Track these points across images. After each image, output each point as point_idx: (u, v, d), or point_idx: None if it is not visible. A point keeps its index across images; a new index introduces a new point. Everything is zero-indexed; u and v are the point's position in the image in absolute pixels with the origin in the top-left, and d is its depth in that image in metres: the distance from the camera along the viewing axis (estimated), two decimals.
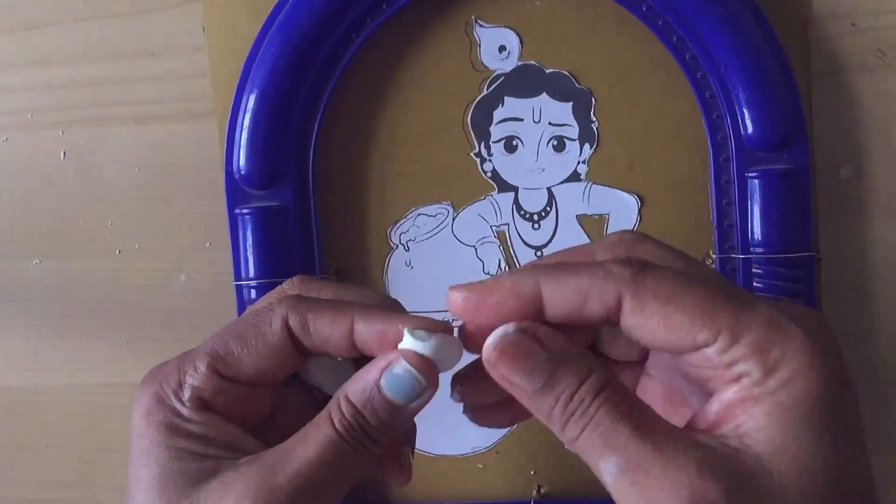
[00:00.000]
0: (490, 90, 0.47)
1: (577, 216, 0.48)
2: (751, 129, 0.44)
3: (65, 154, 0.50)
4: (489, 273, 0.48)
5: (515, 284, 0.29)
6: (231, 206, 0.47)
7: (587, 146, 0.47)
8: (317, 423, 0.31)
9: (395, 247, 0.49)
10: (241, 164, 0.46)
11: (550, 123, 0.47)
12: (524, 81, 0.47)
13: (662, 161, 0.47)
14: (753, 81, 0.44)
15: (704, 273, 0.30)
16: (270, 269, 0.46)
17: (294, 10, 0.45)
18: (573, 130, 0.47)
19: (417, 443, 0.36)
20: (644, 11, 0.45)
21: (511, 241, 0.48)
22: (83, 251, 0.50)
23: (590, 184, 0.47)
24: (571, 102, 0.47)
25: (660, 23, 0.45)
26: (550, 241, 0.48)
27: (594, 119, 0.47)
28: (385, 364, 0.31)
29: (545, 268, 0.29)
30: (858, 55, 0.46)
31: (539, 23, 0.47)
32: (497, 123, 0.47)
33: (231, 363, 0.32)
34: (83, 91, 0.49)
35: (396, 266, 0.49)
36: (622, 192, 0.47)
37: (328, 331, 0.31)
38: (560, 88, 0.47)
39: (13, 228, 0.50)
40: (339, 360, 0.33)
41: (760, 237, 0.45)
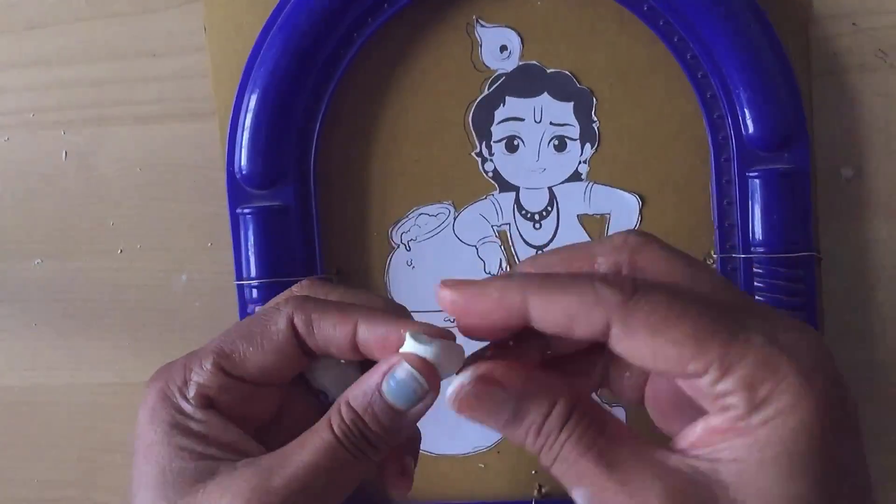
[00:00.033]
0: (491, 90, 0.47)
1: (579, 216, 0.48)
2: (752, 129, 0.44)
3: (66, 154, 0.50)
4: (490, 273, 0.48)
5: (503, 296, 0.28)
6: (232, 206, 0.47)
7: (588, 146, 0.47)
8: (317, 429, 0.31)
9: (397, 246, 0.49)
10: (243, 164, 0.46)
11: (551, 123, 0.47)
12: (525, 81, 0.47)
13: (663, 161, 0.47)
14: (754, 81, 0.44)
15: (703, 282, 0.29)
16: (272, 269, 0.46)
17: (295, 10, 0.45)
18: (574, 130, 0.47)
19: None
20: (645, 11, 0.45)
21: (512, 241, 0.48)
22: (84, 251, 0.50)
23: (591, 183, 0.47)
24: (572, 102, 0.47)
25: (661, 23, 0.45)
26: (552, 241, 0.48)
27: (595, 119, 0.47)
28: (387, 368, 0.30)
29: (535, 281, 0.28)
30: (859, 55, 0.46)
31: (540, 23, 0.47)
32: (498, 123, 0.47)
33: (236, 361, 0.32)
34: (84, 91, 0.49)
35: (398, 266, 0.49)
36: (623, 192, 0.47)
37: (332, 332, 0.31)
38: (561, 88, 0.47)
39: (14, 228, 0.50)
40: (345, 365, 0.33)
41: (761, 237, 0.45)
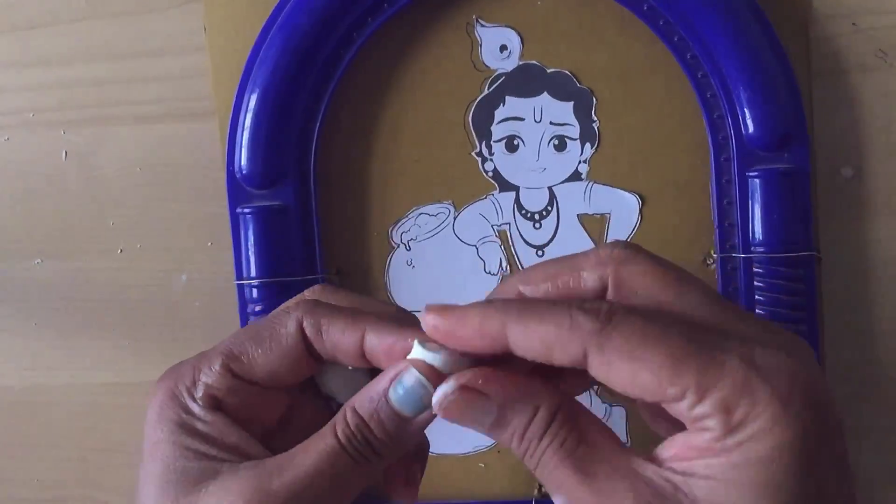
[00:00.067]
0: (491, 90, 0.47)
1: (579, 215, 0.48)
2: (751, 129, 0.44)
3: (66, 154, 0.50)
4: (490, 273, 0.48)
5: (482, 325, 0.29)
6: (232, 206, 0.47)
7: (588, 146, 0.47)
8: (321, 434, 0.31)
9: (397, 246, 0.49)
10: (243, 164, 0.46)
11: (551, 123, 0.47)
12: (525, 81, 0.47)
13: (663, 160, 0.47)
14: (754, 81, 0.44)
15: (689, 296, 0.29)
16: (272, 269, 0.46)
17: (295, 10, 0.45)
18: (574, 130, 0.47)
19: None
20: (645, 11, 0.45)
21: (512, 241, 0.48)
22: (84, 251, 0.50)
23: (591, 183, 0.47)
24: (572, 102, 0.47)
25: (661, 22, 0.45)
26: (551, 241, 0.48)
27: (595, 119, 0.47)
28: (395, 374, 0.31)
29: (514, 309, 0.29)
30: (859, 55, 0.46)
31: (540, 22, 0.47)
32: (498, 123, 0.47)
33: (245, 363, 0.32)
34: (84, 91, 0.49)
35: (398, 265, 0.49)
36: (623, 192, 0.47)
37: (340, 338, 0.31)
38: (561, 88, 0.47)
39: (14, 228, 0.50)
40: (354, 371, 0.33)
41: (761, 237, 0.45)
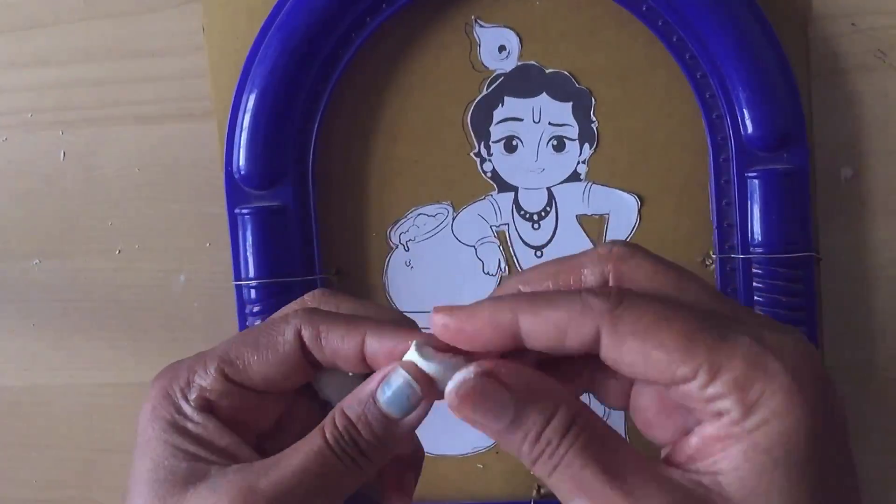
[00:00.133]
0: (490, 90, 0.47)
1: (577, 216, 0.48)
2: (751, 129, 0.44)
3: (65, 154, 0.50)
4: (489, 273, 0.48)
5: (493, 316, 0.28)
6: (231, 206, 0.47)
7: (587, 146, 0.47)
8: (310, 435, 0.31)
9: (395, 247, 0.49)
10: (241, 164, 0.46)
11: (550, 123, 0.47)
12: (524, 81, 0.47)
13: (662, 161, 0.47)
14: (753, 81, 0.44)
15: (690, 291, 0.29)
16: (270, 269, 0.46)
17: (294, 10, 0.45)
18: (573, 130, 0.47)
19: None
20: (644, 11, 0.45)
21: (511, 241, 0.48)
22: (83, 251, 0.50)
23: (590, 184, 0.47)
24: (571, 102, 0.47)
25: (660, 23, 0.45)
26: (550, 241, 0.48)
27: (594, 119, 0.47)
28: (382, 376, 0.31)
29: (524, 298, 0.29)
30: (858, 55, 0.46)
31: (539, 23, 0.47)
32: (497, 123, 0.47)
33: (240, 368, 0.32)
34: (83, 91, 0.49)
35: (396, 266, 0.49)
36: (622, 192, 0.47)
37: (339, 344, 0.31)
38: (560, 88, 0.47)
39: (14, 228, 0.50)
40: (351, 376, 0.33)
41: (760, 237, 0.45)
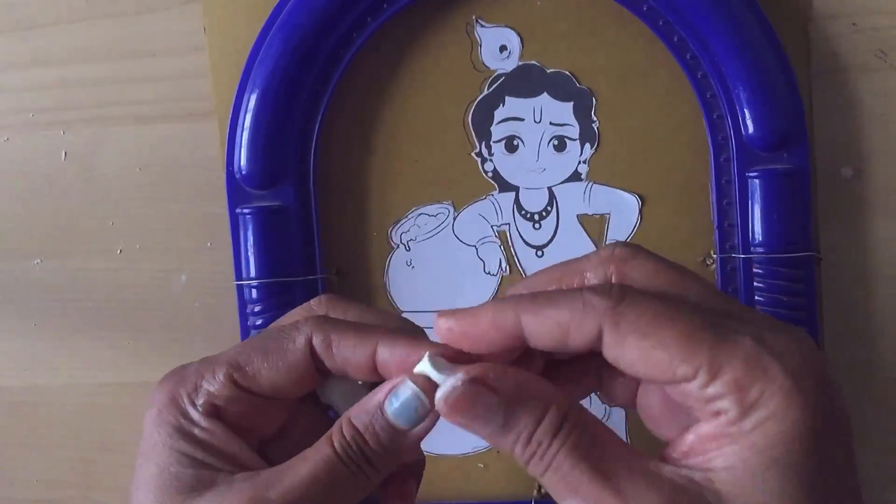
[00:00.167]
0: (491, 90, 0.47)
1: (578, 216, 0.48)
2: (751, 129, 0.44)
3: (66, 154, 0.50)
4: (490, 273, 0.48)
5: (496, 318, 0.29)
6: (232, 206, 0.47)
7: (588, 146, 0.47)
8: (318, 444, 0.31)
9: (396, 246, 0.49)
10: (242, 164, 0.46)
11: (551, 123, 0.47)
12: (525, 81, 0.47)
13: (663, 161, 0.47)
14: (754, 81, 0.44)
15: (692, 291, 0.29)
16: (271, 269, 0.46)
17: (295, 10, 0.45)
18: (574, 130, 0.47)
19: None
20: (645, 11, 0.45)
21: (512, 241, 0.48)
22: (84, 251, 0.50)
23: (590, 183, 0.47)
24: (572, 102, 0.47)
25: (660, 23, 0.45)
26: (551, 241, 0.48)
27: (595, 119, 0.47)
28: (391, 387, 0.31)
29: (527, 298, 0.29)
30: (859, 55, 0.46)
31: (540, 23, 0.47)
32: (498, 123, 0.47)
33: (249, 374, 0.32)
34: (84, 91, 0.49)
35: (397, 266, 0.49)
36: (623, 192, 0.47)
37: (351, 353, 0.31)
38: (561, 88, 0.47)
39: (14, 228, 0.50)
40: (360, 385, 0.33)
41: (761, 237, 0.45)
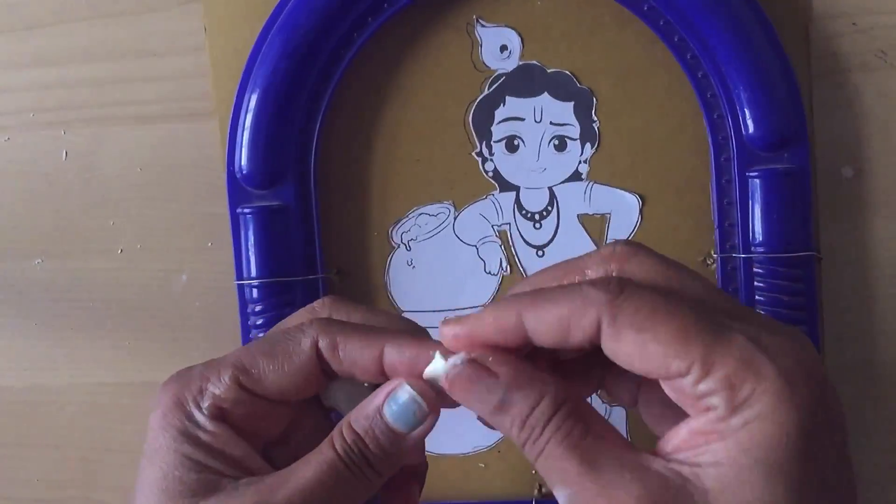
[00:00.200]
0: (491, 90, 0.47)
1: (579, 216, 0.48)
2: (752, 129, 0.44)
3: (66, 154, 0.50)
4: (490, 273, 0.48)
5: (498, 319, 0.29)
6: (232, 206, 0.47)
7: (588, 146, 0.47)
8: (320, 448, 0.31)
9: (397, 246, 0.49)
10: (243, 164, 0.46)
11: (552, 123, 0.47)
12: (525, 81, 0.47)
13: (663, 161, 0.47)
14: (754, 81, 0.44)
15: (693, 289, 0.29)
16: (272, 269, 0.46)
17: (295, 10, 0.45)
18: (574, 130, 0.47)
19: None
20: (645, 11, 0.45)
21: (512, 241, 0.48)
22: (84, 251, 0.50)
23: (591, 183, 0.47)
24: (573, 102, 0.47)
25: (661, 22, 0.45)
26: (552, 241, 0.48)
27: (595, 119, 0.47)
28: (389, 391, 0.31)
29: (527, 298, 0.29)
30: (859, 55, 0.46)
31: (540, 22, 0.47)
32: (498, 123, 0.47)
33: (255, 377, 0.32)
34: (84, 91, 0.49)
35: (398, 265, 0.49)
36: (623, 192, 0.47)
37: (358, 355, 0.32)
38: (561, 88, 0.47)
39: (14, 228, 0.50)
40: (362, 386, 0.33)
41: (761, 237, 0.45)
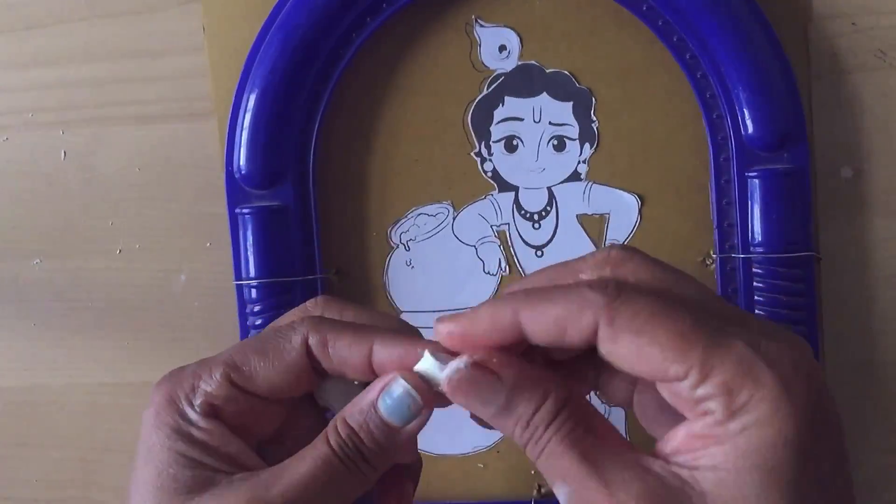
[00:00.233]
0: (490, 90, 0.47)
1: (578, 216, 0.48)
2: (751, 129, 0.44)
3: (65, 154, 0.50)
4: (489, 273, 0.48)
5: (494, 317, 0.29)
6: (231, 206, 0.47)
7: (587, 146, 0.47)
8: (314, 443, 0.31)
9: (396, 246, 0.49)
10: (242, 164, 0.46)
11: (551, 123, 0.47)
12: (524, 81, 0.47)
13: (663, 161, 0.47)
14: (754, 81, 0.44)
15: (690, 294, 0.29)
16: (271, 269, 0.46)
17: (294, 10, 0.45)
18: (573, 130, 0.47)
19: (418, 442, 0.36)
20: (644, 11, 0.45)
21: (511, 241, 0.48)
22: (84, 251, 0.50)
23: (590, 183, 0.47)
24: (572, 102, 0.47)
25: (660, 22, 0.45)
26: (551, 241, 0.48)
27: (594, 119, 0.47)
28: (383, 385, 0.31)
29: (524, 296, 0.29)
30: (859, 55, 0.46)
31: (539, 22, 0.47)
32: (497, 123, 0.47)
33: (246, 375, 0.32)
34: (83, 91, 0.49)
35: (397, 265, 0.49)
36: (622, 192, 0.47)
37: (347, 353, 0.32)
38: (560, 88, 0.47)
39: (13, 228, 0.50)
40: (354, 384, 0.33)
41: (761, 237, 0.45)
